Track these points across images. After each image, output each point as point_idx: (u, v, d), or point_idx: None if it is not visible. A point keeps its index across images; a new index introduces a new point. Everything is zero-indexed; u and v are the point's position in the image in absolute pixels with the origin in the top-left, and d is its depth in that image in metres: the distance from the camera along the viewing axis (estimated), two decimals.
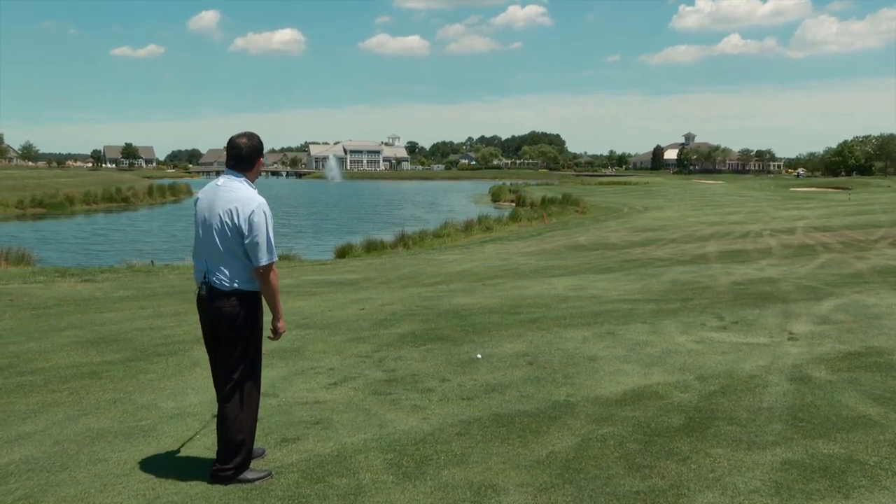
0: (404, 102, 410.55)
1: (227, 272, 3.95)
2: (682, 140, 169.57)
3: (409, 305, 10.04)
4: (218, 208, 3.94)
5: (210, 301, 3.99)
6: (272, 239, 3.97)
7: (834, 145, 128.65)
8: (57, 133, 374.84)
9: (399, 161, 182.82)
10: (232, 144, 4.03)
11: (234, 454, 4.02)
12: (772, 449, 4.46)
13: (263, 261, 3.93)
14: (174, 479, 4.10)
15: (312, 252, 26.49)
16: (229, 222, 3.90)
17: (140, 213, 51.78)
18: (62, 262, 21.13)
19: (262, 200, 3.96)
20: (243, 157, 4.02)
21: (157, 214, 49.91)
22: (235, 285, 3.96)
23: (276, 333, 4.19)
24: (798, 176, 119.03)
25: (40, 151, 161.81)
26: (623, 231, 28.03)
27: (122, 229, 38.55)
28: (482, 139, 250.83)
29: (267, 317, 4.16)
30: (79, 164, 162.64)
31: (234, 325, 3.98)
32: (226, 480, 4.01)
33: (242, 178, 4.02)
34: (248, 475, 4.05)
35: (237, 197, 3.93)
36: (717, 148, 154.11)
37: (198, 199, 4.11)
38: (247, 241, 3.91)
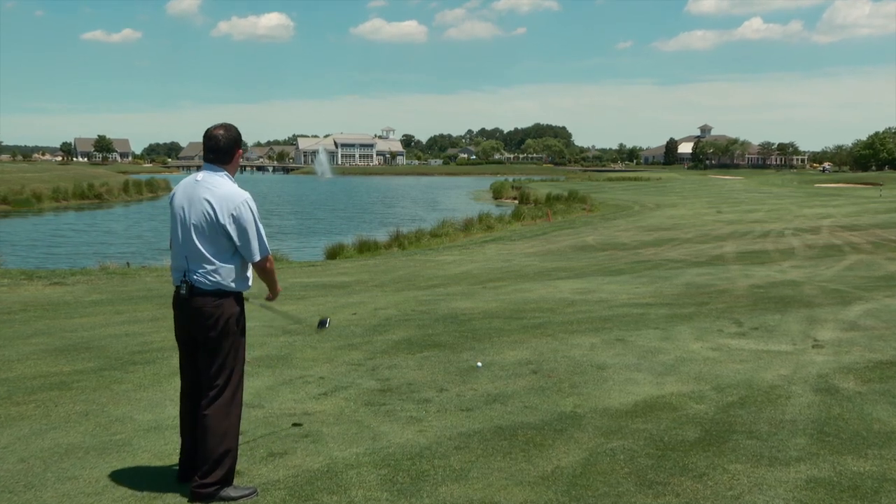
0: (400, 92, 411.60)
1: (209, 271, 4.00)
2: (698, 133, 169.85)
3: (404, 310, 10.04)
4: (200, 205, 3.99)
5: (190, 300, 4.03)
6: (263, 232, 4.07)
7: (864, 137, 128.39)
8: (22, 124, 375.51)
9: (394, 155, 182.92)
10: (209, 136, 4.07)
11: (215, 467, 4.01)
12: (795, 465, 4.46)
13: (257, 256, 4.06)
14: (150, 498, 4.09)
15: (301, 253, 26.49)
16: (213, 220, 3.96)
17: (113, 210, 51.69)
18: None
19: (247, 195, 4.03)
20: (222, 148, 4.06)
21: (130, 212, 49.77)
22: (218, 285, 4.02)
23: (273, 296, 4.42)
24: (824, 171, 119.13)
25: (4, 144, 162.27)
26: (634, 230, 28.06)
27: (85, 230, 37.86)
28: (483, 132, 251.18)
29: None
30: (47, 157, 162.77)
31: (216, 327, 4.03)
32: (207, 498, 3.99)
33: (223, 173, 4.08)
34: (230, 492, 4.03)
35: (220, 193, 3.99)
36: (735, 141, 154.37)
37: (174, 195, 4.15)
38: (238, 241, 4.00)
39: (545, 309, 9.93)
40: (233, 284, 4.06)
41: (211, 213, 3.96)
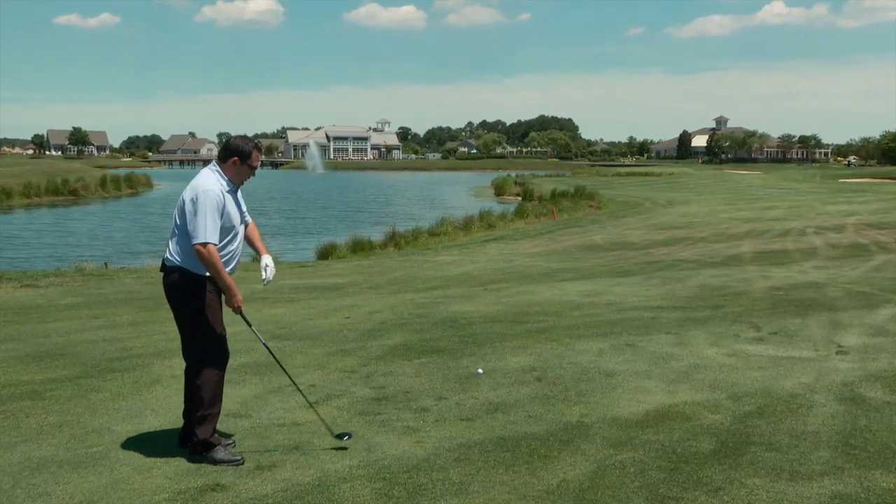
0: (396, 82, 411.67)
1: (175, 249, 4.81)
2: (713, 125, 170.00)
3: (400, 313, 10.04)
4: (183, 192, 4.86)
5: (164, 274, 4.89)
6: (208, 222, 4.69)
7: (893, 128, 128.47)
8: None
9: (389, 149, 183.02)
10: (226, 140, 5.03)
11: (197, 426, 4.79)
12: (818, 480, 4.46)
13: (195, 239, 4.69)
14: None
15: (291, 253, 26.49)
16: (181, 202, 4.81)
17: (90, 207, 51.62)
18: None
19: (210, 188, 4.74)
20: (221, 149, 4.96)
21: (102, 210, 49.64)
22: (179, 262, 4.80)
23: (233, 310, 4.90)
24: (849, 165, 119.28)
25: None
26: (644, 229, 28.09)
27: (46, 229, 37.25)
28: (484, 124, 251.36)
29: None
30: (17, 150, 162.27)
31: (176, 299, 4.84)
32: (193, 452, 4.81)
33: (216, 169, 4.91)
34: (216, 455, 4.77)
35: (194, 182, 4.83)
36: (753, 133, 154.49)
37: None
38: (187, 220, 4.72)
39: (550, 312, 9.94)
40: (191, 265, 4.74)
41: (183, 197, 4.80)
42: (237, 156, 4.89)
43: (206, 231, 4.67)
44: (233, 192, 4.91)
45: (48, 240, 32.83)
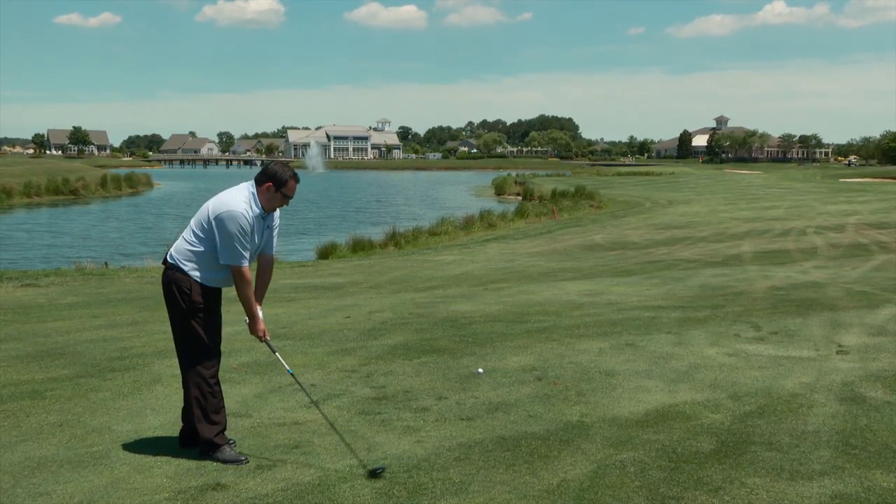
0: (396, 82, 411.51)
1: (179, 248, 4.87)
2: (714, 124, 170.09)
3: (400, 313, 10.05)
4: (208, 200, 4.90)
5: (163, 269, 4.96)
6: (237, 246, 4.74)
7: (894, 128, 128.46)
8: None
9: (390, 149, 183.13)
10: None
11: (196, 424, 4.84)
12: (819, 479, 4.46)
13: (222, 260, 4.80)
14: None
15: (291, 253, 26.49)
16: (205, 213, 4.80)
17: (90, 207, 51.63)
18: None
19: (236, 209, 4.71)
20: (259, 172, 4.94)
21: (105, 210, 49.63)
22: (178, 262, 4.84)
23: (257, 337, 5.06)
24: (849, 164, 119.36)
25: None
26: (645, 228, 28.08)
27: (41, 230, 37.00)
28: (484, 124, 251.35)
29: None
30: (18, 149, 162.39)
31: (169, 297, 4.87)
32: (200, 451, 4.85)
33: (252, 189, 4.84)
34: (220, 455, 4.81)
35: (224, 197, 4.82)
36: (753, 133, 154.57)
37: None
38: (216, 240, 4.76)
39: (550, 312, 9.94)
40: (187, 266, 4.80)
41: (208, 209, 4.80)
42: (272, 182, 4.81)
43: (233, 256, 4.74)
44: (261, 217, 4.82)
45: (42, 240, 32.58)
